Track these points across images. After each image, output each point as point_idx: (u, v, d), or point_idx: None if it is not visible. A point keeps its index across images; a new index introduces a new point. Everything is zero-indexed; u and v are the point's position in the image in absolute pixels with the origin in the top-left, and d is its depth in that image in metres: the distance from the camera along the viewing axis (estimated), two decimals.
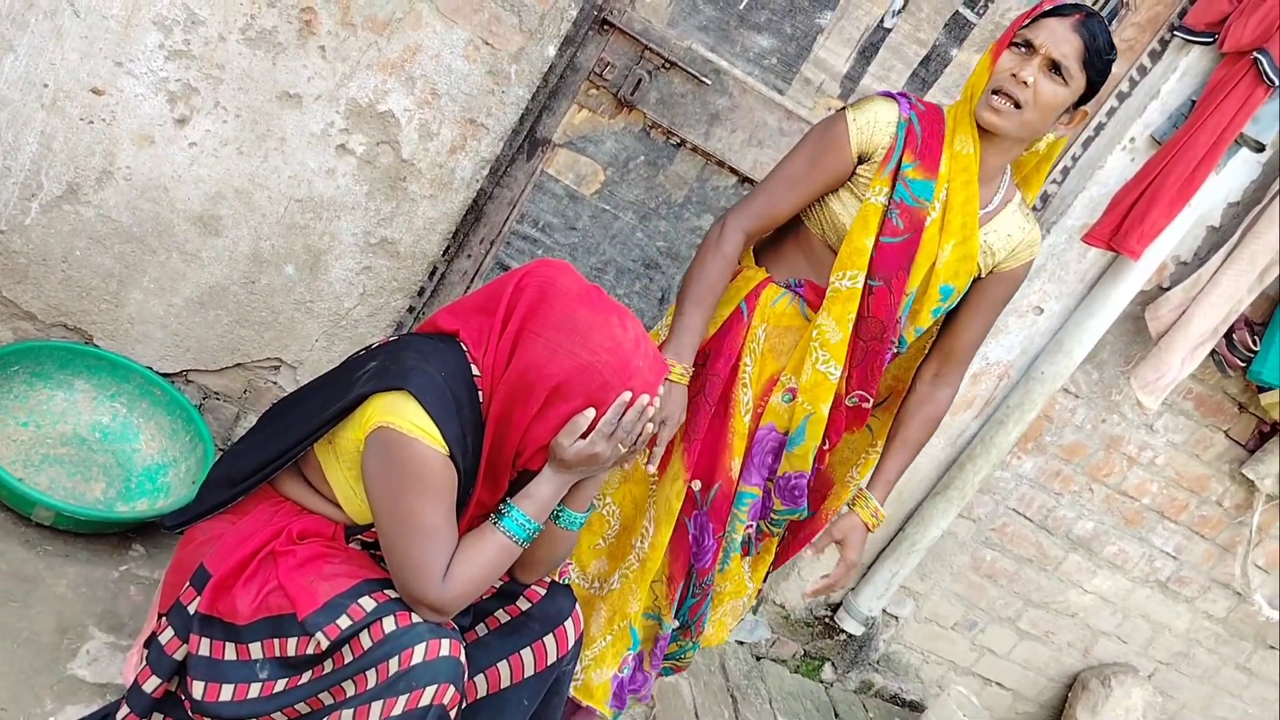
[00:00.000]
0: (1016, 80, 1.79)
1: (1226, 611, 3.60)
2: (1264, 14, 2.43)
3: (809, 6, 2.48)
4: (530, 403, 1.60)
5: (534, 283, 1.65)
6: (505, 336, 1.63)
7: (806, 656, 3.32)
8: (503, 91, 2.33)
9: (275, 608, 1.62)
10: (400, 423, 1.56)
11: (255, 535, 1.69)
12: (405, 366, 1.60)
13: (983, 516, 3.21)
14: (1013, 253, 1.98)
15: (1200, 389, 3.11)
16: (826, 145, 1.91)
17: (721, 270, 1.95)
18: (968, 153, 1.88)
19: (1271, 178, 2.77)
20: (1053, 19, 1.79)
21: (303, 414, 1.71)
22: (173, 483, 2.34)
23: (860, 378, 1.97)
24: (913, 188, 1.86)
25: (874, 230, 1.88)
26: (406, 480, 1.57)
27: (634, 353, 1.62)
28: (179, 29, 2.13)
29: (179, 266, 2.38)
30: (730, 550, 2.10)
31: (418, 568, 1.58)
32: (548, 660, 1.82)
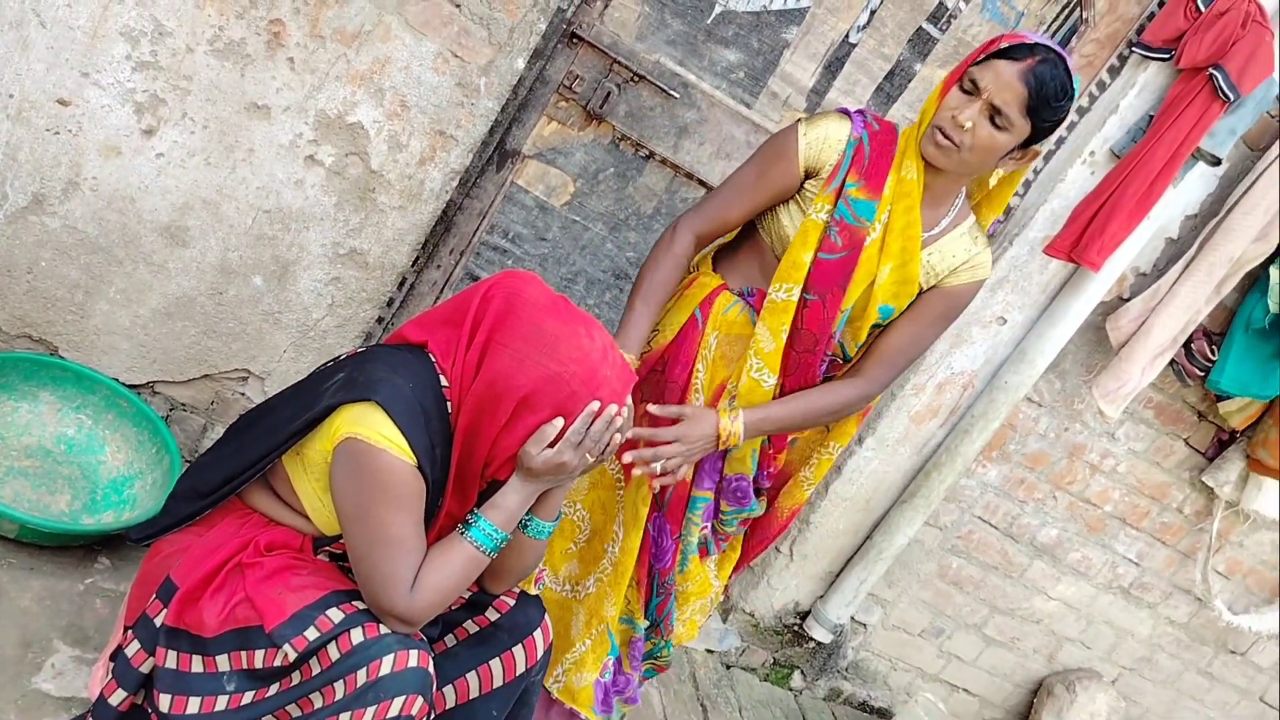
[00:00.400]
0: (955, 123, 1.78)
1: (1188, 617, 3.65)
2: (1219, 31, 2.49)
3: (775, 21, 2.51)
4: (498, 413, 1.61)
5: (501, 293, 1.66)
6: (473, 348, 1.63)
7: (776, 664, 3.34)
8: (472, 103, 2.35)
9: (242, 619, 1.61)
10: (368, 433, 1.56)
11: (222, 547, 1.68)
12: (373, 378, 1.60)
13: (949, 524, 3.25)
14: (954, 271, 1.97)
15: (1160, 398, 3.17)
16: (775, 156, 1.94)
17: (671, 269, 1.98)
18: (911, 179, 1.88)
19: (1227, 191, 2.83)
20: (1003, 61, 1.75)
21: (270, 426, 1.71)
22: (139, 495, 2.32)
23: (794, 387, 2.00)
24: (854, 207, 1.88)
25: (813, 246, 1.90)
26: (374, 491, 1.57)
27: (602, 363, 1.64)
28: (146, 40, 2.13)
29: (146, 277, 2.37)
30: (688, 552, 2.13)
31: (386, 579, 1.58)
32: (516, 671, 1.83)
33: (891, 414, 2.98)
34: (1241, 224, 2.74)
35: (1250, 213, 2.73)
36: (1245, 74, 2.49)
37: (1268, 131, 2.78)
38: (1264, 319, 2.86)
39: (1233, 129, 2.62)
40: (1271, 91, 2.60)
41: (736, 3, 2.48)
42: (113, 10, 2.10)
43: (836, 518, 3.13)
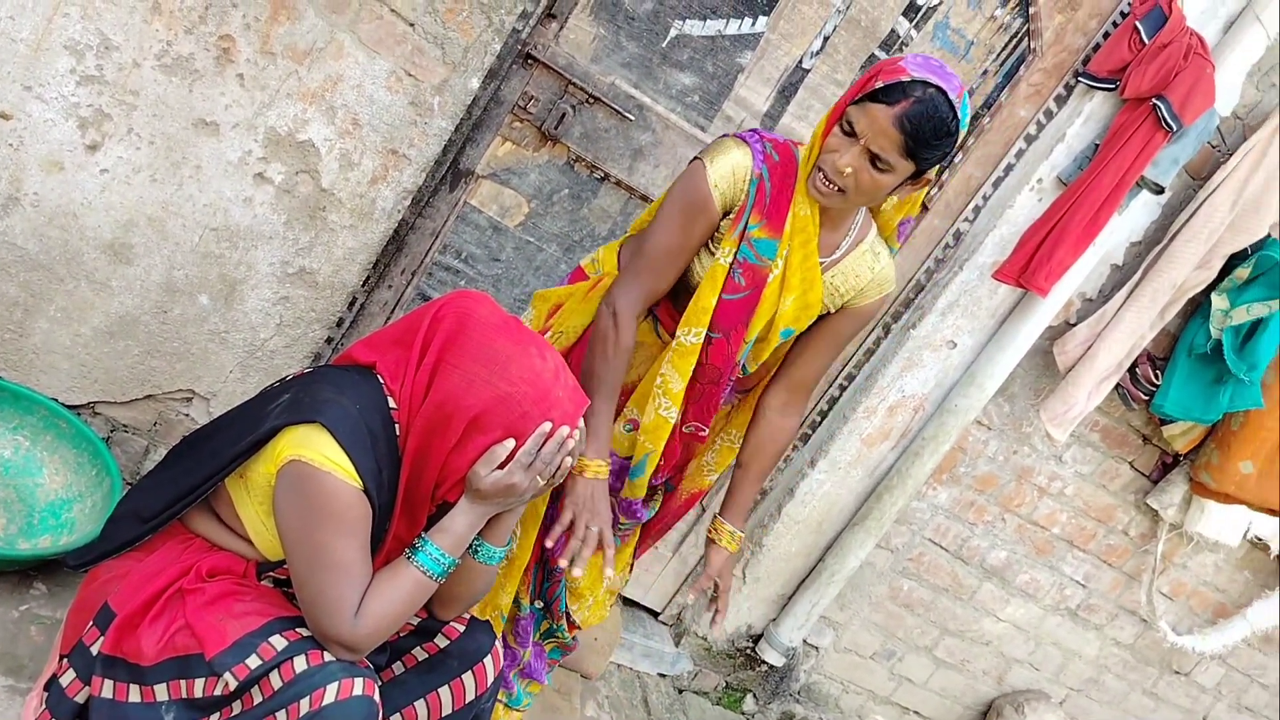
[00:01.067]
0: (836, 169, 1.76)
1: (1134, 638, 3.70)
2: (1162, 62, 2.54)
3: (730, 46, 2.53)
4: (448, 434, 1.59)
5: (452, 314, 1.64)
6: (422, 368, 1.61)
7: (728, 688, 3.32)
8: (425, 123, 2.33)
9: (182, 647, 1.57)
10: (312, 456, 1.53)
11: (162, 573, 1.64)
12: (319, 399, 1.57)
13: (900, 547, 3.26)
14: (861, 291, 1.98)
15: (1106, 421, 3.21)
16: (696, 210, 1.89)
17: (624, 358, 1.94)
18: (805, 214, 1.87)
19: (1170, 219, 2.89)
20: (878, 106, 1.70)
21: (214, 448, 1.67)
22: (77, 518, 2.26)
23: (697, 413, 2.04)
24: (757, 247, 1.87)
25: (717, 289, 1.89)
26: (318, 515, 1.54)
27: (553, 383, 1.62)
28: (91, 54, 2.09)
29: (88, 295, 2.32)
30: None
31: (330, 605, 1.55)
32: (466, 698, 1.79)
33: (843, 437, 3.00)
34: (1184, 251, 2.80)
35: (1192, 240, 2.79)
36: (1187, 105, 2.55)
37: (1209, 161, 2.85)
38: (1206, 345, 2.92)
39: (1175, 158, 2.68)
40: (1212, 122, 2.66)
41: (692, 27, 2.49)
42: (57, 23, 2.05)
43: (789, 540, 3.13)
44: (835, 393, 3.03)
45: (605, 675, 3.04)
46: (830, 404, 3.04)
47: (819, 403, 3.04)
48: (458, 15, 2.24)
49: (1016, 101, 2.75)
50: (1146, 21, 2.56)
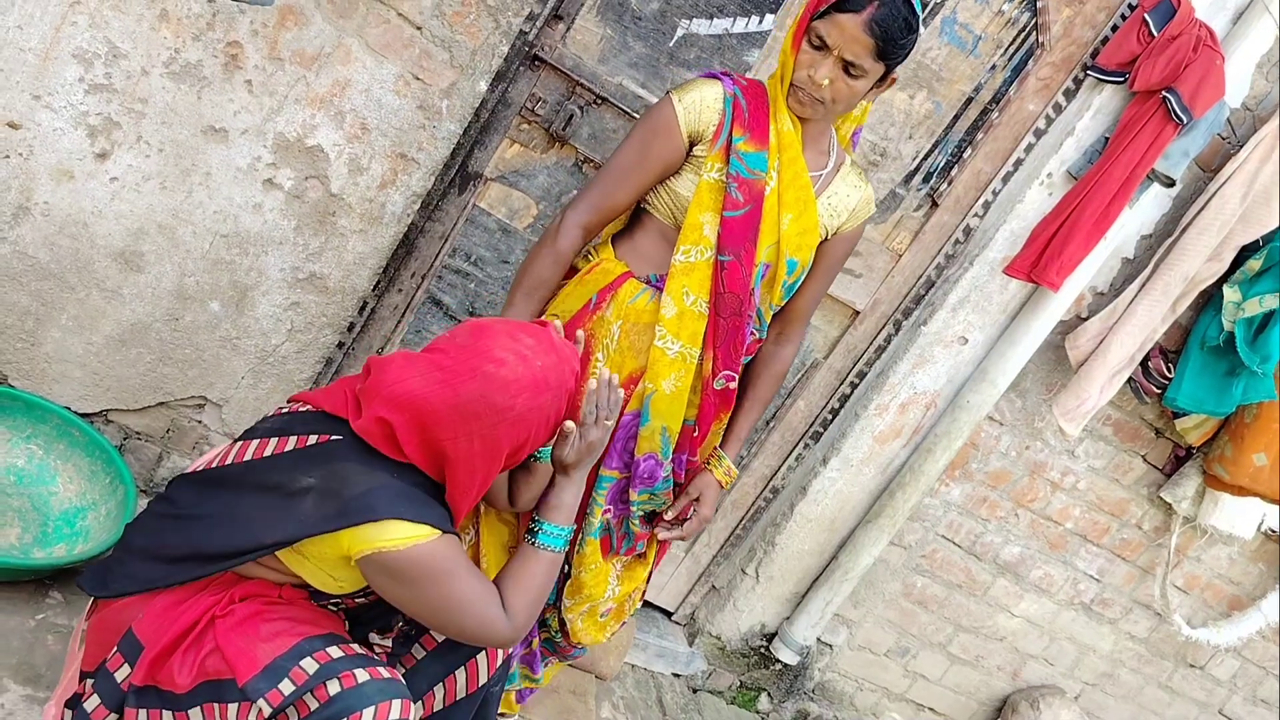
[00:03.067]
0: (813, 82, 1.82)
1: (1148, 632, 3.69)
2: (1171, 55, 2.53)
3: (737, 44, 2.52)
4: (492, 473, 1.67)
5: (402, 406, 1.63)
6: (429, 455, 1.64)
7: (743, 687, 3.32)
8: (434, 126, 2.33)
9: (214, 672, 1.56)
10: (390, 544, 1.55)
11: (192, 603, 1.62)
12: (358, 491, 1.56)
13: (913, 544, 3.26)
14: (852, 213, 2.04)
15: (1119, 415, 3.20)
16: (656, 131, 1.92)
17: (554, 264, 1.96)
18: (789, 130, 1.91)
19: (1181, 212, 2.88)
20: (844, 14, 1.77)
21: (240, 521, 1.61)
22: (92, 526, 2.26)
23: (725, 357, 1.97)
24: (746, 160, 1.88)
25: (709, 206, 1.90)
26: (426, 582, 1.58)
27: (532, 364, 1.64)
28: (100, 62, 2.09)
29: (99, 304, 2.32)
30: (586, 533, 2.06)
31: (478, 632, 1.64)
32: (479, 680, 1.82)
33: (855, 434, 2.99)
34: (1195, 244, 2.79)
35: (1204, 233, 2.78)
36: (1198, 97, 2.54)
37: (1219, 153, 2.84)
38: (1218, 337, 2.91)
39: (1186, 151, 2.67)
40: (1223, 114, 2.65)
41: (699, 25, 2.48)
42: (65, 32, 2.05)
43: (802, 539, 3.12)
44: (846, 390, 3.03)
45: (620, 676, 3.04)
46: (842, 401, 3.03)
47: (830, 400, 3.03)
48: (465, 18, 2.23)
49: (1025, 96, 2.74)
50: (1155, 14, 2.55)
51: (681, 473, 2.08)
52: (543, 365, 1.63)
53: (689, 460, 2.07)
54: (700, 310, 1.93)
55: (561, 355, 1.68)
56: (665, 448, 2.01)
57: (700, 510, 2.11)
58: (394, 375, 1.60)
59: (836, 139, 2.03)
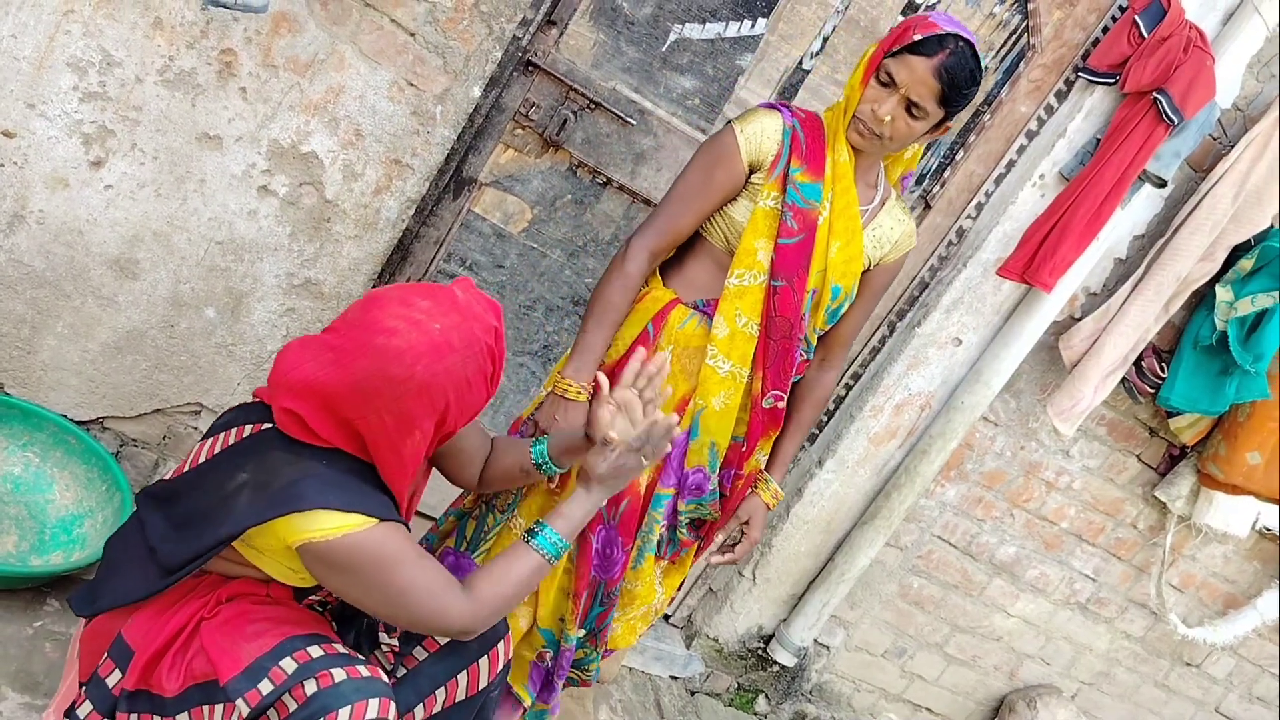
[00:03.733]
0: (876, 117, 1.90)
1: (1144, 631, 3.70)
2: (1162, 56, 2.54)
3: (730, 49, 2.53)
4: (404, 445, 1.58)
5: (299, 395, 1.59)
6: (337, 426, 1.57)
7: (740, 689, 3.33)
8: (428, 132, 2.33)
9: (200, 674, 1.57)
10: (320, 534, 1.51)
11: (180, 608, 1.62)
12: (286, 481, 1.53)
13: (909, 544, 3.27)
14: (895, 245, 2.11)
15: (1113, 415, 3.21)
16: (718, 159, 1.99)
17: (624, 289, 2.01)
18: (845, 160, 1.98)
19: (1173, 212, 2.89)
20: (917, 58, 1.86)
21: (187, 529, 1.60)
22: (89, 534, 2.27)
23: (774, 377, 2.04)
24: (802, 190, 1.96)
25: (763, 233, 1.97)
26: (367, 569, 1.54)
27: (429, 330, 1.54)
28: (94, 70, 2.10)
29: (95, 311, 2.32)
30: (645, 550, 2.13)
31: (432, 619, 1.60)
32: (480, 684, 1.81)
33: (851, 436, 3.00)
34: (1187, 244, 2.80)
35: (1195, 233, 2.79)
36: (1188, 98, 2.55)
37: (1210, 153, 2.85)
38: (1211, 336, 2.92)
39: (1177, 151, 2.68)
40: (1213, 114, 2.66)
41: (691, 30, 2.49)
42: (59, 41, 2.06)
43: (798, 540, 3.13)
44: (841, 392, 3.03)
45: (617, 679, 3.04)
46: (837, 403, 3.04)
47: None
48: (458, 24, 2.24)
49: (1017, 98, 2.75)
50: (1145, 15, 2.56)
51: (728, 485, 2.15)
52: (442, 327, 1.54)
53: (735, 474, 2.14)
54: (751, 332, 2.00)
55: (467, 313, 1.57)
56: (713, 461, 2.09)
57: (750, 533, 2.18)
58: (290, 363, 1.55)
59: (885, 174, 2.11)
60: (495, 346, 1.61)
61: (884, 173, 2.10)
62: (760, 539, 2.20)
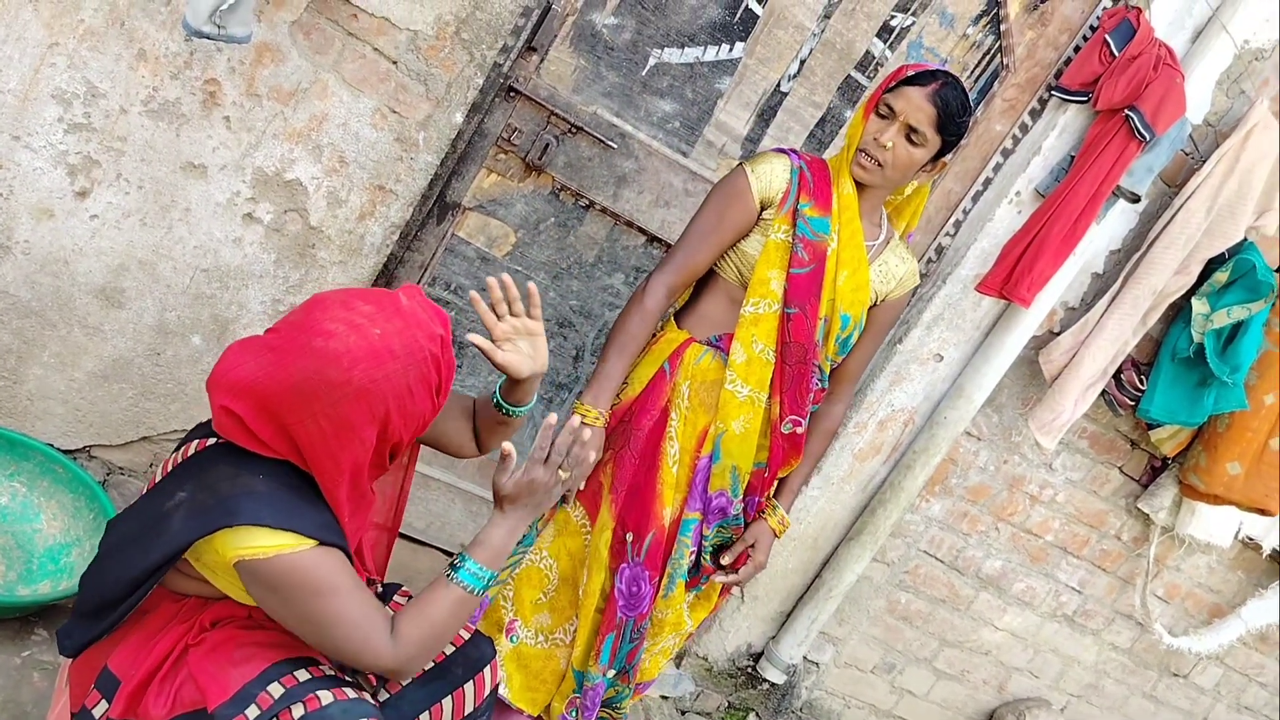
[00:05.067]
0: (878, 145, 2.03)
1: (1131, 642, 3.72)
2: (1133, 74, 2.59)
3: (709, 72, 2.57)
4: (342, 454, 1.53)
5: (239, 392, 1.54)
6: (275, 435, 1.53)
7: (731, 708, 3.33)
8: (411, 158, 2.36)
9: (189, 703, 1.56)
10: (254, 552, 1.48)
11: (164, 635, 1.62)
12: (221, 496, 1.50)
13: (895, 560, 3.28)
14: (900, 281, 2.22)
15: (1094, 428, 3.25)
16: (732, 198, 2.10)
17: (642, 322, 2.10)
18: (849, 193, 2.10)
19: (1147, 227, 2.93)
20: (912, 88, 2.00)
21: (126, 556, 1.58)
22: (76, 563, 2.27)
23: (791, 402, 2.12)
24: (811, 224, 2.07)
25: (775, 263, 2.07)
26: (296, 593, 1.50)
27: (368, 334, 1.50)
28: (79, 102, 2.12)
29: (80, 340, 2.33)
30: (675, 576, 2.17)
31: (354, 654, 1.54)
32: (465, 709, 1.78)
33: (836, 452, 3.02)
34: (1162, 258, 2.84)
35: (1170, 247, 2.83)
36: (1159, 114, 2.60)
37: (1183, 168, 2.90)
38: (1188, 348, 2.95)
39: (1150, 167, 2.72)
40: (1185, 130, 2.71)
41: (670, 55, 2.53)
42: (44, 73, 2.08)
43: (785, 557, 3.15)
44: None
45: None
46: None
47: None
48: (440, 52, 2.27)
49: (992, 117, 2.80)
50: (1116, 34, 2.61)
51: (754, 513, 2.22)
52: (383, 332, 1.50)
53: (759, 501, 2.21)
54: (767, 358, 2.09)
55: (410, 320, 1.53)
56: (735, 486, 2.16)
57: (755, 556, 2.23)
58: (230, 362, 1.51)
59: (888, 219, 2.23)
60: (441, 355, 1.56)
61: (886, 217, 2.22)
62: (764, 563, 2.25)
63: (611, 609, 2.14)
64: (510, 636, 2.18)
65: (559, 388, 2.87)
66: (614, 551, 2.13)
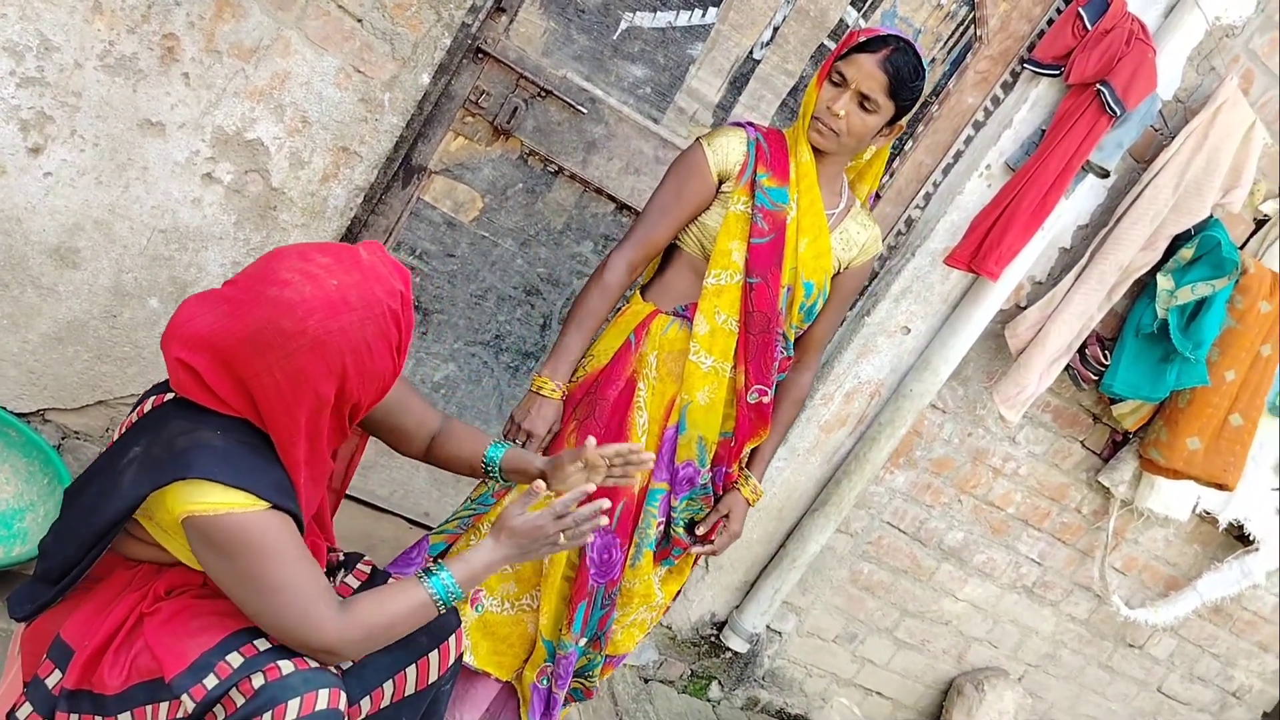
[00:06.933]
0: (831, 113, 2.02)
1: (1088, 613, 3.77)
2: (1105, 48, 2.59)
3: (681, 38, 2.53)
4: (296, 409, 1.50)
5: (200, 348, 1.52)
6: (231, 386, 1.50)
7: (694, 676, 3.35)
8: (376, 119, 2.31)
9: (145, 671, 1.53)
10: (203, 507, 1.46)
11: (117, 603, 1.58)
12: (175, 450, 1.48)
13: (859, 531, 3.30)
14: (863, 248, 2.23)
15: (1058, 402, 3.27)
16: (689, 173, 2.11)
17: (601, 297, 2.10)
18: (806, 160, 2.10)
19: (1115, 202, 2.94)
20: (863, 54, 1.99)
21: (80, 518, 1.55)
22: (30, 528, 2.22)
23: (756, 371, 2.12)
24: (770, 194, 2.07)
25: (735, 234, 2.08)
26: (241, 554, 1.48)
27: (325, 286, 1.48)
28: (31, 55, 2.05)
29: (34, 301, 2.27)
30: (643, 546, 2.17)
31: (299, 622, 1.51)
32: (430, 678, 1.77)
33: (801, 424, 3.02)
34: (1130, 233, 2.85)
35: (1137, 222, 2.84)
36: (1130, 89, 2.60)
37: (1152, 144, 2.91)
38: (1152, 324, 2.97)
39: (1119, 142, 2.73)
40: (1155, 106, 2.71)
41: (642, 19, 2.49)
42: None
43: (750, 527, 3.15)
44: None
45: None
46: None
47: None
48: (406, 10, 2.22)
49: (964, 89, 2.78)
50: (1089, 8, 2.60)
51: (720, 484, 2.22)
52: (339, 284, 1.47)
53: (727, 472, 2.21)
54: (731, 328, 2.10)
55: (369, 273, 1.51)
56: (702, 456, 2.16)
57: (729, 526, 2.24)
58: (185, 315, 1.48)
59: (848, 184, 2.22)
60: (401, 313, 1.54)
61: (847, 184, 2.21)
62: (739, 532, 2.26)
63: (583, 577, 2.13)
64: (475, 607, 2.17)
65: (526, 356, 2.85)
66: None
